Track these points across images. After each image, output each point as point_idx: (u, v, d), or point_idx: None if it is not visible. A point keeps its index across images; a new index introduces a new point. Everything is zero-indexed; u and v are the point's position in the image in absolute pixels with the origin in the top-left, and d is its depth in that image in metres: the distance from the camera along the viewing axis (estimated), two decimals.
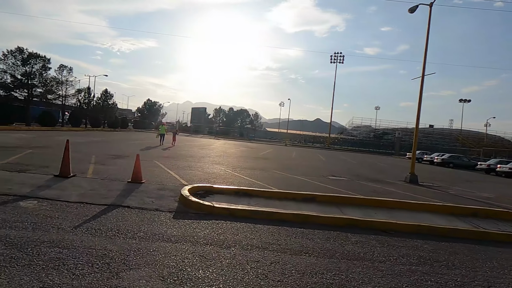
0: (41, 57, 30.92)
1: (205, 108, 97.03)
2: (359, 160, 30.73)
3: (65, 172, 7.82)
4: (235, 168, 13.08)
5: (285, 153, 30.67)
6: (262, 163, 17.07)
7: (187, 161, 14.27)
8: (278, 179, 11.20)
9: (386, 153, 63.81)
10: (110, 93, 45.77)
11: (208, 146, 28.82)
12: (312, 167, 17.58)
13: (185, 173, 10.36)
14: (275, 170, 13.83)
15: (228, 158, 18.06)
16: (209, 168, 12.44)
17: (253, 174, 11.88)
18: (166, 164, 12.17)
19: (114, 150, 16.37)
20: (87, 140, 21.35)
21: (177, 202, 6.56)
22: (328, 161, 24.41)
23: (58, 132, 28.89)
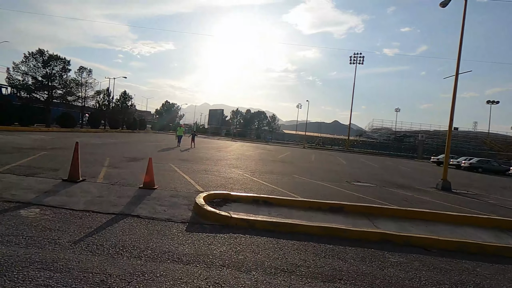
0: (61, 59, 31.34)
1: (222, 110, 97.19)
2: (381, 163, 29.50)
3: (74, 176, 7.38)
4: (253, 172, 12.45)
5: (304, 156, 29.81)
6: (280, 166, 16.37)
7: (204, 164, 13.75)
8: (299, 184, 10.48)
9: (407, 156, 61.64)
10: (129, 95, 46.18)
11: (225, 148, 28.35)
12: (334, 171, 16.73)
13: (201, 178, 9.80)
14: (295, 175, 13.10)
15: (245, 161, 17.46)
16: (226, 172, 11.85)
17: (272, 179, 11.20)
18: (182, 168, 11.67)
19: (130, 152, 16.07)
20: (104, 142, 21.25)
21: (191, 211, 5.98)
22: (349, 164, 23.42)
23: (76, 133, 29.13)
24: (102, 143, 19.73)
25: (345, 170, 18.32)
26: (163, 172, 10.13)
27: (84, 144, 18.04)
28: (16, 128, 25.23)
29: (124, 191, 6.92)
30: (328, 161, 24.84)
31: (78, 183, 7.27)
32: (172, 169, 11.14)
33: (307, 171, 15.33)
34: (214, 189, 8.14)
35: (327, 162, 24.12)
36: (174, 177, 9.45)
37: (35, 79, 30.54)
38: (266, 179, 10.95)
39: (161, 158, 14.08)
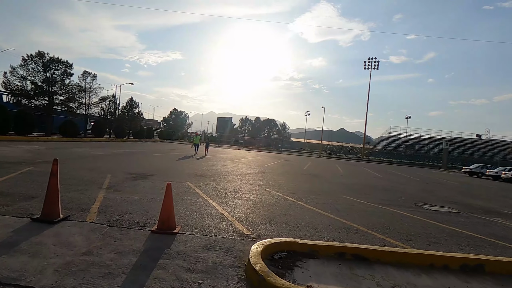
0: (62, 62, 28.79)
1: (231, 117, 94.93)
2: (416, 175, 26.51)
3: (50, 214, 4.73)
4: (294, 193, 9.71)
5: (328, 167, 26.98)
6: (317, 183, 13.62)
7: (228, 181, 11.06)
8: (364, 212, 7.71)
9: (429, 165, 58.23)
10: (135, 102, 43.66)
11: (241, 158, 25.66)
12: (381, 188, 13.91)
13: (234, 205, 7.10)
14: (344, 195, 10.33)
15: (272, 175, 14.74)
16: (260, 193, 9.14)
17: (321, 202, 8.46)
18: (204, 188, 8.99)
19: (137, 165, 13.47)
20: (108, 153, 18.72)
21: (243, 282, 3.31)
22: (386, 177, 20.54)
23: (78, 143, 26.68)
24: (105, 155, 17.19)
25: (389, 185, 15.47)
26: (182, 196, 7.45)
27: (84, 155, 15.50)
28: (11, 138, 22.80)
29: (128, 241, 4.24)
30: (359, 173, 21.98)
31: (56, 224, 4.62)
32: (192, 191, 8.45)
33: (351, 189, 12.54)
34: (261, 227, 5.45)
35: (359, 174, 21.27)
36: (199, 205, 6.75)
37: (35, 84, 28.10)
38: (316, 203, 8.21)
39: (174, 174, 11.45)
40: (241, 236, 4.87)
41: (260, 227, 5.47)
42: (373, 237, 5.47)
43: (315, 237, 5.19)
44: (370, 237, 5.45)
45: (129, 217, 5.31)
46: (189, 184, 9.45)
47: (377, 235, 5.61)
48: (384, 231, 5.94)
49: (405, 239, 5.57)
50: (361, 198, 10.04)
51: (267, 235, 5.04)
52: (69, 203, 5.80)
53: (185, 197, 7.40)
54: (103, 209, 5.65)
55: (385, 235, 5.69)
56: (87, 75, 32.90)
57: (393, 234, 5.79)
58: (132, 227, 4.79)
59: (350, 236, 5.41)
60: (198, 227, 5.13)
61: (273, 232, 5.22)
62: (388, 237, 5.58)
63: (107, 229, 4.60)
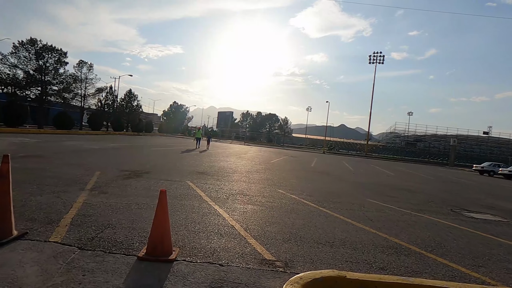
0: (56, 50, 27.03)
1: (232, 112, 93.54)
2: (426, 173, 25.19)
3: None
4: (311, 195, 8.41)
5: (336, 164, 25.67)
6: (331, 182, 12.34)
7: (233, 180, 9.76)
8: (400, 222, 6.39)
9: (434, 162, 56.90)
10: (134, 94, 42.00)
11: (244, 154, 24.34)
12: (401, 189, 12.60)
13: (244, 212, 5.79)
14: (367, 198, 9.03)
15: (281, 173, 13.44)
16: (272, 195, 7.84)
17: (346, 207, 7.16)
18: (207, 189, 7.69)
19: (132, 161, 12.16)
20: (103, 147, 17.39)
21: None
22: (399, 176, 19.24)
23: (72, 136, 25.33)
24: (98, 149, 15.86)
25: (408, 185, 14.18)
26: (181, 201, 6.14)
27: (74, 149, 14.19)
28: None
29: (102, 274, 2.92)
30: (369, 171, 20.68)
31: (3, 247, 3.31)
32: (194, 193, 7.13)
33: (371, 190, 11.24)
34: (285, 246, 4.15)
35: (370, 172, 19.97)
36: (202, 213, 5.44)
37: (27, 73, 26.58)
38: (341, 209, 6.90)
39: (173, 171, 10.13)
40: (262, 263, 3.56)
41: (283, 246, 4.16)
42: (432, 262, 4.16)
43: (360, 263, 3.89)
44: (429, 262, 4.14)
45: (111, 233, 3.99)
46: (189, 184, 8.14)
47: (436, 259, 4.30)
48: (442, 252, 4.63)
49: (474, 264, 4.26)
50: (387, 201, 8.73)
51: (296, 260, 3.73)
52: (35, 211, 4.49)
53: (185, 202, 6.09)
54: (79, 220, 4.33)
55: (445, 258, 4.38)
56: (83, 65, 31.23)
57: (456, 257, 4.47)
58: (112, 250, 3.47)
59: (403, 260, 4.10)
60: (203, 248, 3.81)
61: (302, 255, 3.91)
62: (452, 261, 4.26)
63: (77, 254, 3.28)
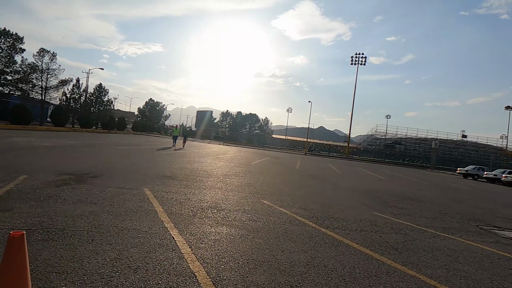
0: (10, 34, 23.87)
1: (211, 111, 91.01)
2: (415, 176, 24.03)
3: None
4: (305, 208, 6.57)
5: (321, 166, 24.10)
6: (323, 188, 10.59)
7: (207, 187, 7.78)
8: (437, 252, 4.66)
9: (414, 165, 56.73)
10: (105, 88, 38.76)
11: (223, 155, 22.30)
12: (403, 197, 11.02)
13: (217, 243, 3.84)
14: (372, 210, 7.30)
15: (264, 177, 11.57)
16: (255, 209, 5.94)
17: (356, 228, 5.36)
18: (168, 200, 5.68)
19: (84, 161, 9.92)
20: (58, 144, 14.91)
21: None
22: (391, 180, 17.84)
23: (29, 132, 22.44)
24: (50, 146, 13.42)
25: (406, 192, 12.67)
26: (123, 222, 4.11)
27: (19, 147, 11.78)
28: None
29: None
30: (358, 175, 19.19)
31: None
32: (148, 207, 5.10)
33: (371, 198, 9.56)
34: None
35: (359, 176, 18.47)
36: (147, 246, 3.42)
37: None
38: (350, 231, 5.10)
39: (132, 174, 8.05)
40: None
41: None
42: None
43: None
44: None
45: None
46: (146, 194, 6.10)
47: None
48: None
49: None
50: (398, 215, 7.02)
51: None
52: None
53: (127, 224, 4.07)
54: None
55: None
56: (44, 53, 28.04)
57: None
58: None
59: None
60: None
61: None
62: None
63: None
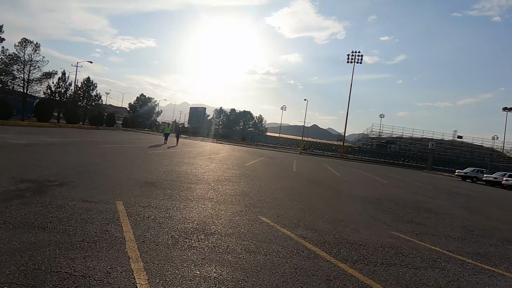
0: None
1: (205, 108, 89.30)
2: (416, 179, 23.11)
3: None
4: (314, 229, 5.41)
5: (318, 167, 23.03)
6: (327, 198, 9.45)
7: (194, 198, 6.56)
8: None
9: (410, 165, 56.05)
10: (93, 82, 37.03)
11: (215, 154, 21.05)
12: (415, 207, 9.96)
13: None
14: (394, 230, 6.18)
15: (260, 182, 10.39)
16: (253, 234, 4.75)
17: (386, 263, 4.23)
18: (142, 220, 4.45)
19: (56, 164, 8.58)
20: (34, 142, 13.52)
21: None
22: (394, 184, 16.82)
23: (6, 127, 20.92)
24: (23, 144, 12.04)
25: (418, 200, 11.63)
26: (78, 253, 2.86)
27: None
28: None
29: None
30: (359, 178, 18.14)
31: None
32: (114, 231, 3.85)
33: (384, 210, 8.46)
34: None
35: (361, 179, 17.42)
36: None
37: None
38: (382, 271, 3.97)
39: (109, 180, 6.80)
40: None
41: None
42: None
43: None
44: None
45: None
46: (118, 209, 4.87)
47: None
48: None
49: None
50: (421, 235, 5.91)
51: None
52: None
53: (79, 263, 2.83)
54: None
55: None
56: (26, 44, 26.40)
57: None
58: None
59: None
60: None
61: None
62: None
63: None
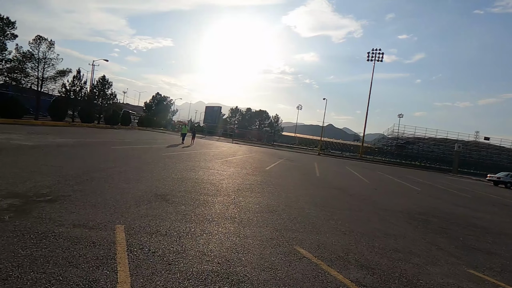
0: None
1: (220, 107, 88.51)
2: (448, 185, 21.37)
3: None
4: (368, 266, 4.12)
5: (342, 171, 21.60)
6: (365, 213, 8.12)
7: (212, 218, 5.38)
8: None
9: (434, 168, 53.44)
10: (108, 81, 36.59)
11: (232, 156, 19.91)
12: (469, 224, 8.53)
13: None
14: (467, 267, 4.84)
15: (286, 193, 9.13)
16: (290, 275, 3.52)
17: None
18: (147, 256, 3.27)
19: (57, 169, 7.56)
20: (42, 143, 12.67)
21: None
22: (428, 192, 15.28)
23: (18, 126, 20.39)
24: (28, 147, 11.15)
25: (462, 215, 10.17)
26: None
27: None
28: None
29: None
30: (391, 185, 16.66)
31: None
32: (105, 284, 2.73)
33: (439, 231, 7.08)
34: None
35: (393, 187, 15.95)
36: None
37: None
38: None
39: (111, 192, 5.73)
40: None
41: None
42: None
43: None
44: None
45: None
46: (117, 238, 3.73)
47: None
48: None
49: None
50: (506, 275, 4.55)
51: None
52: None
53: None
54: None
55: None
56: (41, 41, 25.90)
57: None
58: None
59: None
60: None
61: None
62: None
63: None
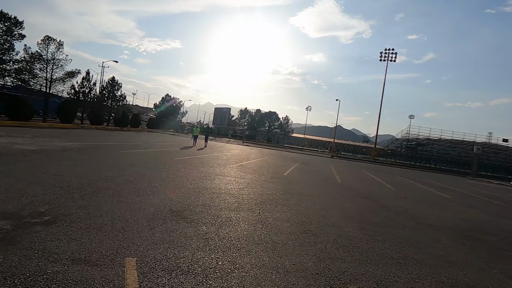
0: (7, 17, 21.15)
1: (229, 108, 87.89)
2: (474, 191, 20.09)
3: None
4: None
5: (361, 176, 20.49)
6: (407, 231, 7.11)
7: (239, 245, 4.45)
8: None
9: (452, 171, 51.71)
10: (117, 82, 36.20)
11: (246, 160, 18.99)
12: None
13: None
14: None
15: (314, 204, 8.17)
16: None
17: None
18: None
19: (60, 180, 6.73)
20: (46, 147, 11.93)
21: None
22: (458, 199, 14.13)
23: (26, 129, 19.81)
24: (30, 151, 10.39)
25: (507, 229, 9.05)
26: None
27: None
28: None
29: None
30: (418, 193, 15.53)
31: None
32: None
33: (496, 256, 6.04)
34: None
35: (421, 195, 14.83)
36: None
37: None
38: None
39: (126, 206, 4.86)
40: None
41: None
42: None
43: None
44: None
45: None
46: (127, 280, 2.83)
47: None
48: None
49: None
50: None
51: None
52: None
53: None
54: None
55: None
56: (49, 42, 25.40)
57: None
58: None
59: None
60: None
61: None
62: None
63: None
